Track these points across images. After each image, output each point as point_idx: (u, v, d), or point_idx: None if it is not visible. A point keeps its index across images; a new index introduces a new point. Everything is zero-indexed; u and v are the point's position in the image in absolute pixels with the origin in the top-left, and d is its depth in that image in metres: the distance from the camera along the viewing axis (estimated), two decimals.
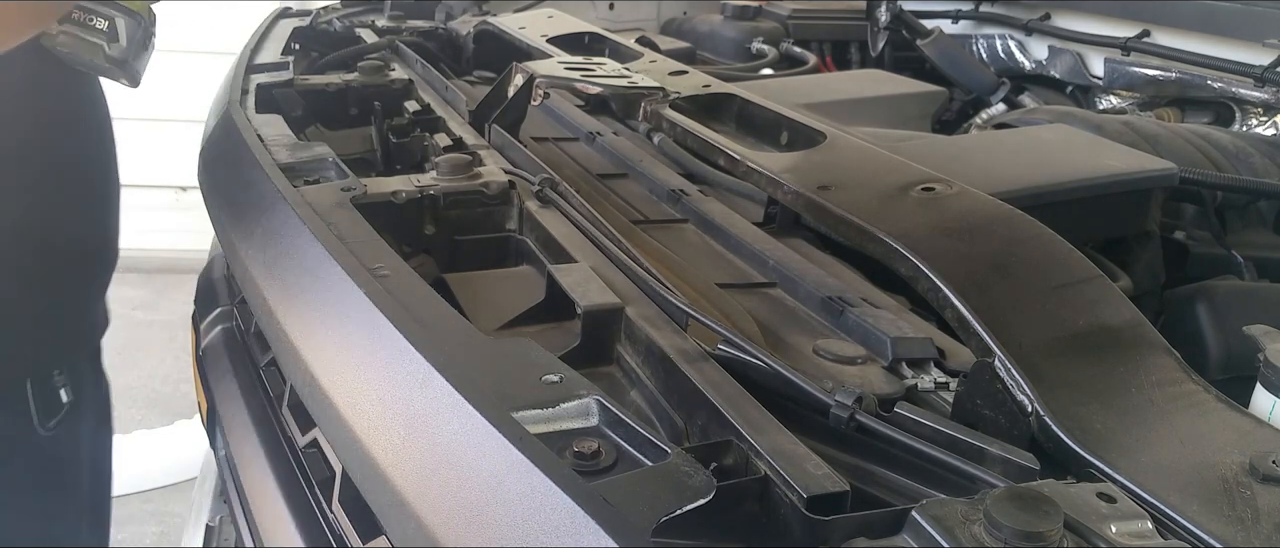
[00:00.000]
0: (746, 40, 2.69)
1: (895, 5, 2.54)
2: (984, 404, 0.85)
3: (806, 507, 0.71)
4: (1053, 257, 1.01)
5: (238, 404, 1.32)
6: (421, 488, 0.78)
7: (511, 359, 0.87)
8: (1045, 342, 0.88)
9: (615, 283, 1.06)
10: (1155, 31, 2.20)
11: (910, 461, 0.80)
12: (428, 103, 1.73)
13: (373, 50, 2.06)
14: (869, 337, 1.03)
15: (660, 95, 1.52)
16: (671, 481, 0.71)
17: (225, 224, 1.35)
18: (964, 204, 1.12)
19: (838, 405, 0.83)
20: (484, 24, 2.25)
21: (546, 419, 0.79)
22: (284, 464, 1.16)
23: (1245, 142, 1.74)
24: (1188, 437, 0.79)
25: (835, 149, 1.33)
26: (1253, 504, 0.70)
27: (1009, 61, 2.51)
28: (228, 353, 1.45)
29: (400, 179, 1.30)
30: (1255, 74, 1.98)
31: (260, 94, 1.69)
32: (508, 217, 1.30)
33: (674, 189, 1.45)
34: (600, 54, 1.88)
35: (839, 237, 1.20)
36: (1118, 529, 0.66)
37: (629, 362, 0.99)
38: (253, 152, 1.36)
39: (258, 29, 2.14)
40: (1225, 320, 1.36)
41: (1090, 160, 1.46)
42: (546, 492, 0.68)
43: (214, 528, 1.66)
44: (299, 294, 1.10)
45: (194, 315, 1.67)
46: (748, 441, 0.78)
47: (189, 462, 2.59)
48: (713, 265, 1.26)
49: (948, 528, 0.63)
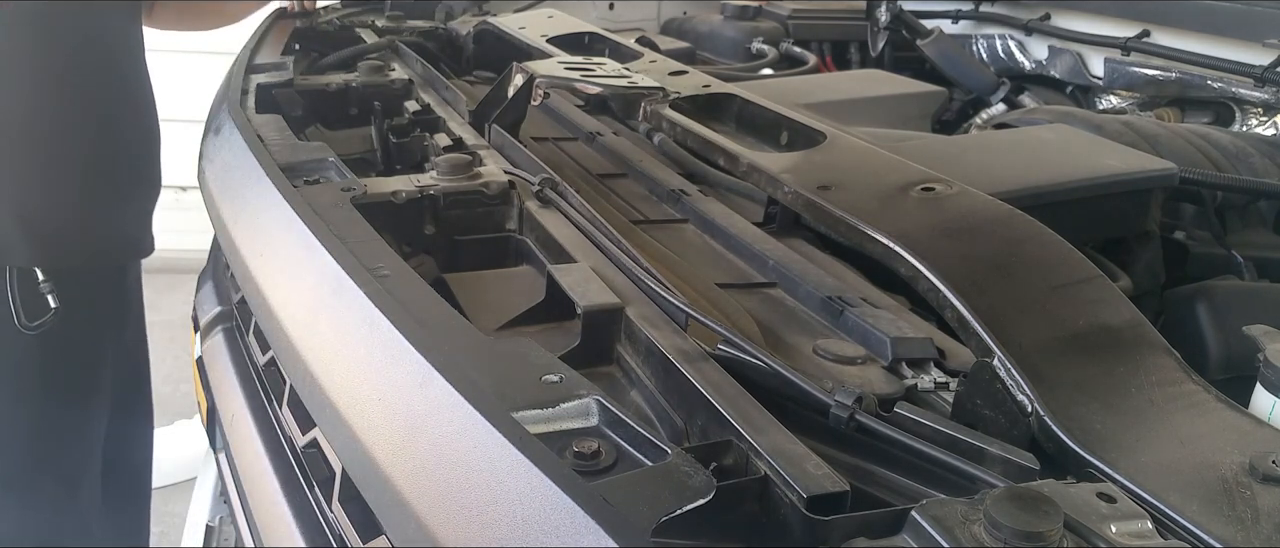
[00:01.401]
0: (746, 40, 2.69)
1: (895, 5, 2.54)
2: (984, 404, 0.85)
3: (806, 507, 0.71)
4: (1053, 257, 1.01)
5: (238, 404, 1.32)
6: (421, 488, 0.78)
7: (511, 359, 0.87)
8: (1045, 342, 0.88)
9: (615, 283, 1.06)
10: (1155, 31, 2.20)
11: (910, 461, 0.80)
12: (428, 103, 1.73)
13: (373, 50, 2.06)
14: (869, 337, 1.03)
15: (660, 95, 1.52)
16: (671, 481, 0.71)
17: (225, 224, 1.35)
18: (964, 204, 1.12)
19: (838, 405, 0.83)
20: (484, 24, 2.25)
21: (546, 419, 0.79)
22: (284, 464, 1.16)
23: (1245, 142, 1.74)
24: (1188, 437, 0.79)
25: (835, 149, 1.33)
26: (1253, 504, 0.70)
27: (1009, 61, 2.51)
28: (228, 353, 1.45)
29: (400, 179, 1.31)
30: (1255, 74, 1.98)
31: (260, 94, 1.69)
32: (508, 217, 1.30)
33: (674, 189, 1.45)
34: (600, 54, 1.88)
35: (839, 237, 1.20)
36: (1118, 529, 0.66)
37: (629, 362, 0.99)
38: (253, 152, 1.36)
39: (258, 29, 2.14)
40: (1225, 320, 1.36)
41: (1090, 160, 1.46)
42: (546, 492, 0.68)
43: (214, 528, 1.66)
44: (299, 294, 1.10)
45: (194, 315, 1.67)
46: (748, 441, 0.78)
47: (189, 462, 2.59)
48: (713, 265, 1.26)
49: (948, 528, 0.63)
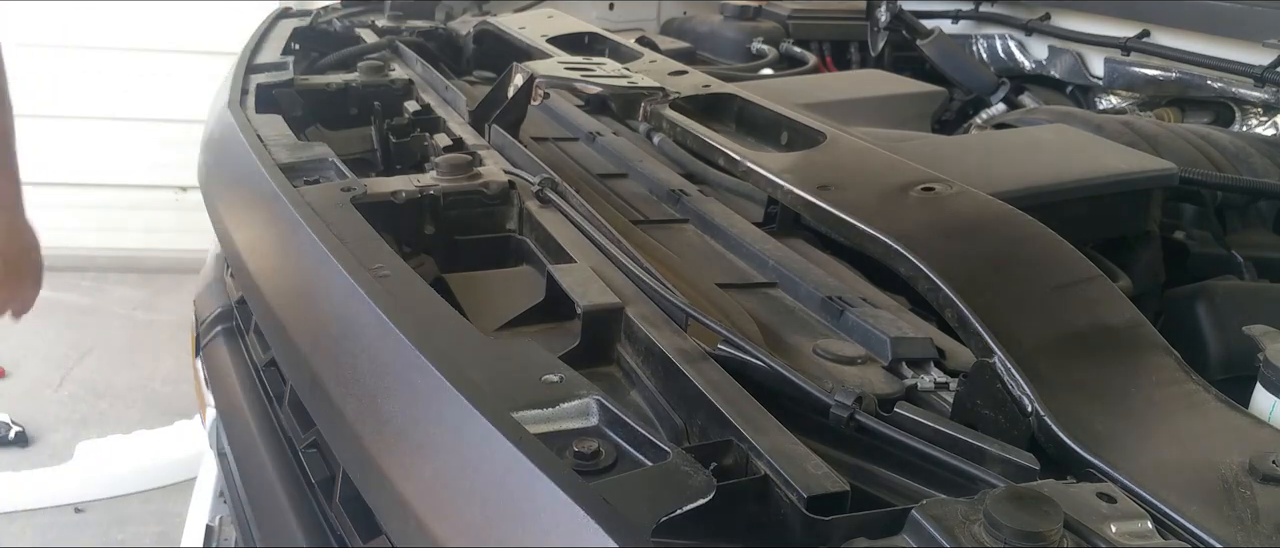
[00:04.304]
0: (746, 40, 2.68)
1: (895, 5, 2.54)
2: (984, 404, 0.85)
3: (806, 507, 0.71)
4: (1053, 257, 1.01)
5: (238, 404, 1.32)
6: (421, 488, 0.78)
7: (511, 359, 0.87)
8: (1045, 342, 0.88)
9: (615, 283, 1.05)
10: (1155, 31, 2.20)
11: (910, 461, 0.80)
12: (428, 103, 1.73)
13: (373, 50, 2.06)
14: (869, 337, 1.03)
15: (660, 95, 1.52)
16: (671, 481, 0.71)
17: (225, 224, 1.35)
18: (964, 204, 1.12)
19: (838, 405, 0.83)
20: (484, 24, 2.25)
21: (546, 419, 0.79)
22: (284, 464, 1.16)
23: (1245, 141, 1.74)
24: (1188, 437, 0.79)
25: (835, 149, 1.33)
26: (1253, 504, 0.70)
27: (1009, 61, 2.51)
28: (228, 353, 1.45)
29: (400, 179, 1.30)
30: (1255, 74, 1.98)
31: (260, 94, 1.69)
32: (508, 217, 1.30)
33: (674, 189, 1.45)
34: (600, 54, 1.88)
35: (839, 237, 1.20)
36: (1118, 529, 0.66)
37: (629, 362, 0.99)
38: (253, 152, 1.36)
39: (258, 29, 2.14)
40: (1225, 320, 1.36)
41: (1090, 160, 1.46)
42: (546, 492, 0.68)
43: (214, 528, 1.66)
44: (299, 295, 1.10)
45: (194, 315, 1.67)
46: (748, 441, 0.78)
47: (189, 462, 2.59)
48: (713, 265, 1.26)
49: (948, 528, 0.63)
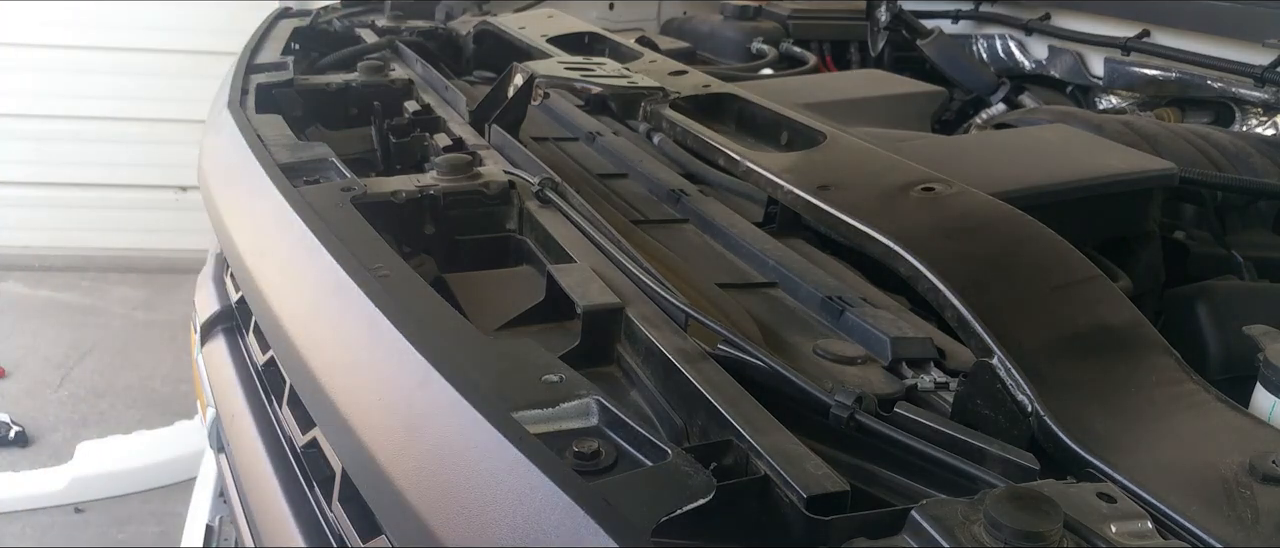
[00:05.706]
0: (746, 40, 2.69)
1: (895, 5, 2.54)
2: (984, 404, 0.85)
3: (806, 507, 0.71)
4: (1053, 257, 1.01)
5: (238, 404, 1.32)
6: (421, 488, 0.78)
7: (511, 359, 0.87)
8: (1045, 342, 0.88)
9: (615, 283, 1.05)
10: (1155, 31, 2.21)
11: (910, 461, 0.80)
12: (428, 103, 1.73)
13: (373, 50, 2.06)
14: (869, 337, 1.03)
15: (660, 95, 1.52)
16: (671, 481, 0.71)
17: (225, 224, 1.35)
18: (964, 204, 1.12)
19: (838, 406, 0.83)
20: (484, 24, 2.25)
21: (546, 419, 0.79)
22: (284, 464, 1.16)
23: (1245, 141, 1.74)
24: (1188, 437, 0.79)
25: (835, 149, 1.33)
26: (1253, 504, 0.70)
27: (1009, 61, 2.51)
28: (228, 353, 1.45)
29: (400, 179, 1.30)
30: (1255, 74, 1.98)
31: (260, 94, 1.69)
32: (508, 217, 1.30)
33: (674, 189, 1.45)
34: (600, 54, 1.88)
35: (839, 237, 1.20)
36: (1118, 529, 0.66)
37: (629, 362, 0.99)
38: (253, 152, 1.36)
39: (258, 29, 2.14)
40: (1225, 320, 1.36)
41: (1090, 160, 1.46)
42: (546, 492, 0.68)
43: (214, 528, 1.66)
44: (299, 294, 1.10)
45: (194, 315, 1.67)
46: (748, 441, 0.78)
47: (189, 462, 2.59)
48: (713, 265, 1.26)
49: (948, 528, 0.63)
